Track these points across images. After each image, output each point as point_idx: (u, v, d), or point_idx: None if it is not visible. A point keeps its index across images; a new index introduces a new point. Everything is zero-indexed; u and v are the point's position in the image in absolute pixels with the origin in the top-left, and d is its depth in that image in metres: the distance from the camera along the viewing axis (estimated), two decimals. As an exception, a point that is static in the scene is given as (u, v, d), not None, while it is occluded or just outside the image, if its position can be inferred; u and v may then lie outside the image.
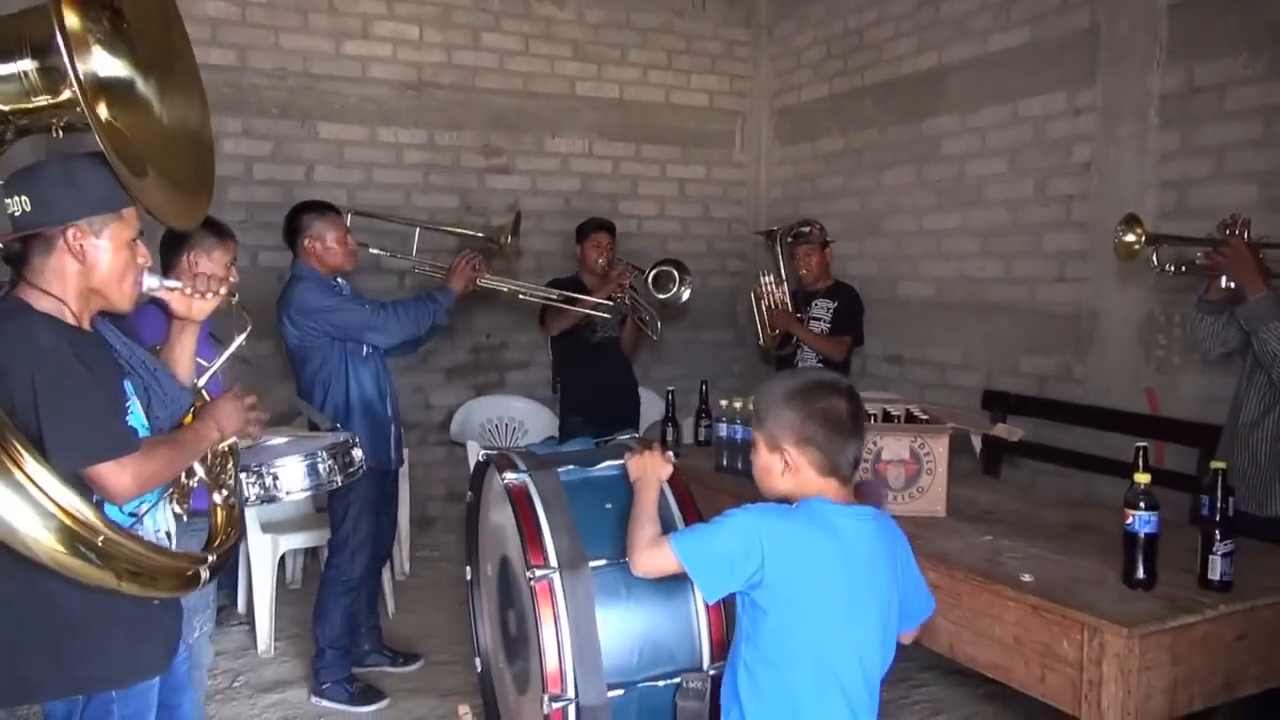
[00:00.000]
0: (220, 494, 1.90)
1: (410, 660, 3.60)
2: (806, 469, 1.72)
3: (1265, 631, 2.12)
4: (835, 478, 1.73)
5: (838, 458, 1.71)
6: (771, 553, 1.65)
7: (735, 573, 1.66)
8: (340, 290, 3.33)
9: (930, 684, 3.47)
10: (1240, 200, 3.46)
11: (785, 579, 1.65)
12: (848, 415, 1.72)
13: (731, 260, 6.18)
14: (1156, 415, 3.84)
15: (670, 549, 1.70)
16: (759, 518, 1.69)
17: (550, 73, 5.59)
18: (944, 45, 4.80)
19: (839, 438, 1.71)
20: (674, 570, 1.71)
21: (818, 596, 1.66)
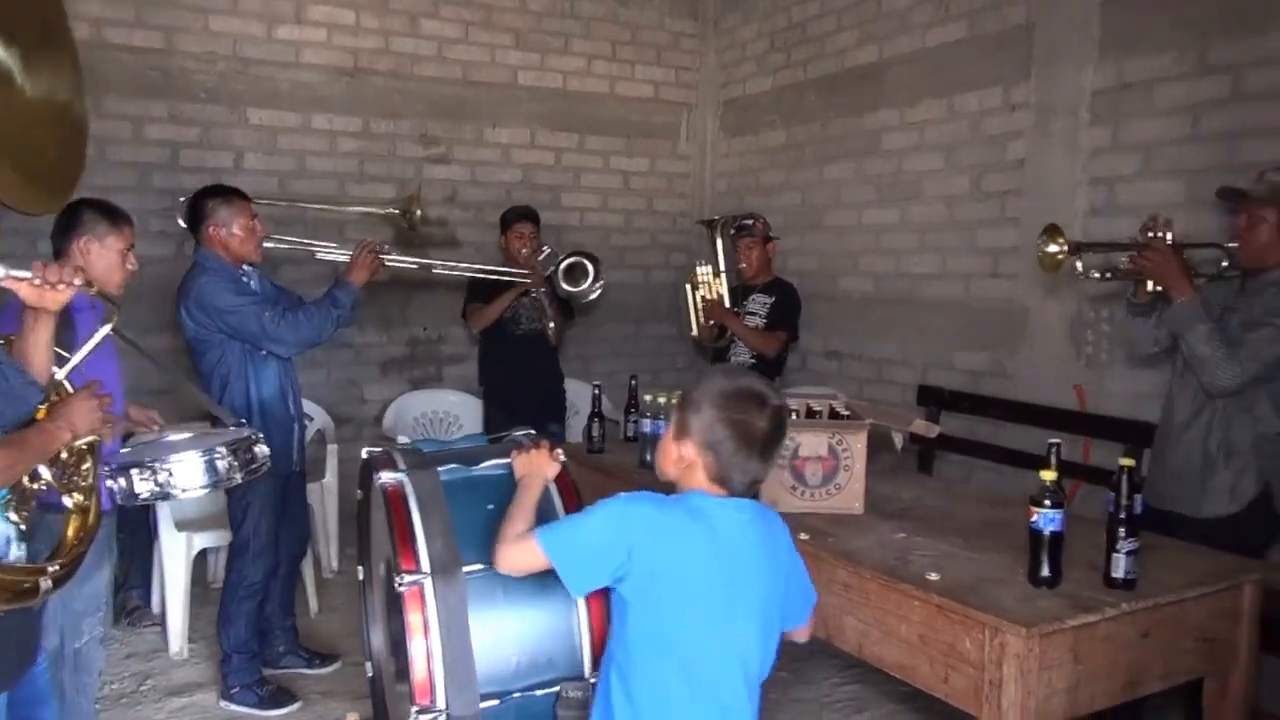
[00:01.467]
0: (72, 498, 1.78)
1: (328, 661, 3.51)
2: (699, 470, 1.66)
3: (1168, 630, 2.11)
4: (724, 488, 1.66)
5: (733, 472, 1.64)
6: (640, 544, 1.58)
7: (602, 564, 1.59)
8: (248, 283, 3.21)
9: (852, 682, 3.44)
10: (1167, 197, 3.47)
11: (655, 572, 1.59)
12: (762, 435, 1.63)
13: (676, 254, 6.13)
14: (1085, 411, 3.85)
15: (535, 542, 1.64)
16: (630, 507, 1.63)
17: (491, 61, 5.50)
18: (884, 39, 4.78)
19: (741, 453, 1.63)
20: (540, 566, 1.64)
21: (690, 592, 1.60)
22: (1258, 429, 2.64)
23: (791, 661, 3.58)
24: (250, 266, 3.25)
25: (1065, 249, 2.90)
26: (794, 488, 2.64)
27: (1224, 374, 2.59)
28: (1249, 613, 2.25)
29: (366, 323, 5.23)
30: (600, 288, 4.35)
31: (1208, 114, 3.40)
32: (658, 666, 1.60)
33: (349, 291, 3.27)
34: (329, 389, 5.11)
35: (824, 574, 2.33)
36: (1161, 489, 2.81)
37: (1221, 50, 3.35)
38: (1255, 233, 2.67)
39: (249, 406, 3.13)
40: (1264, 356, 2.55)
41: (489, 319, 4.29)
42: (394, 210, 4.20)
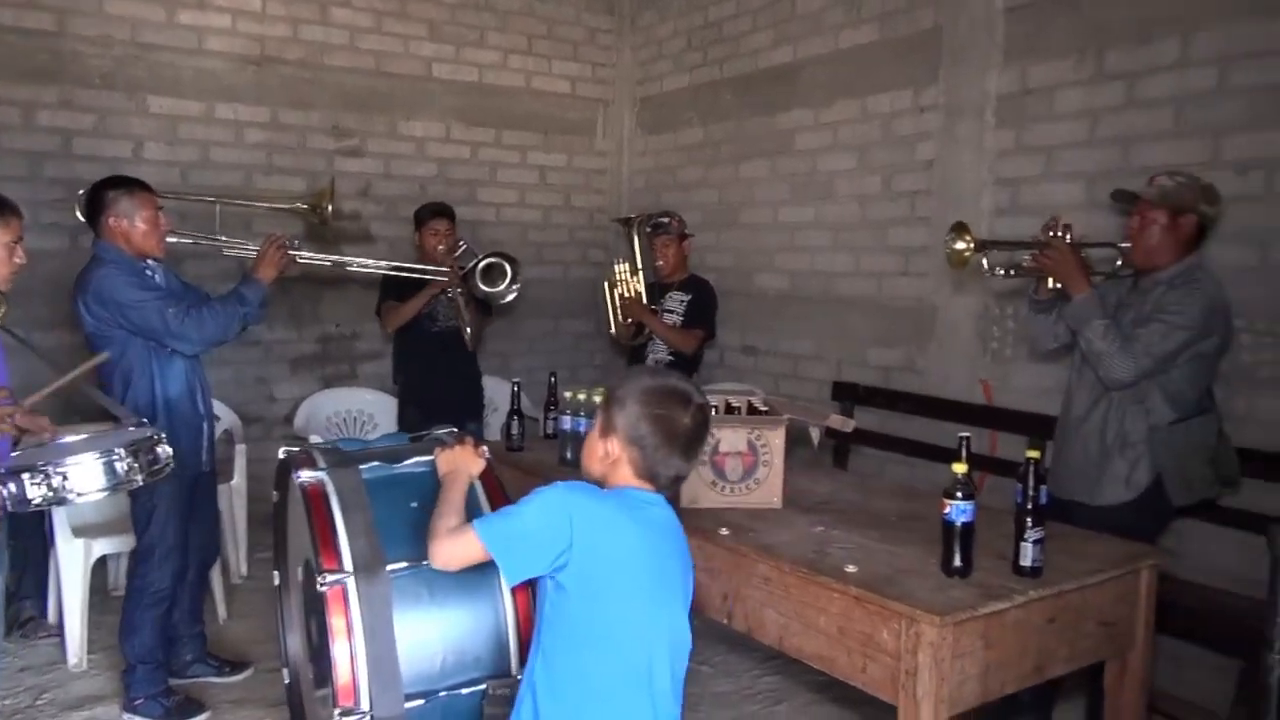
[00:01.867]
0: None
1: (238, 669, 3.40)
2: (625, 466, 1.70)
3: (1072, 615, 2.19)
4: (650, 484, 1.71)
5: (658, 467, 1.69)
6: (580, 532, 1.60)
7: (542, 553, 1.60)
8: (151, 277, 3.08)
9: (772, 674, 3.49)
10: (1067, 199, 3.61)
11: (593, 560, 1.61)
12: (685, 431, 1.69)
13: (594, 250, 6.12)
14: (991, 405, 3.98)
15: (474, 533, 1.63)
16: (569, 495, 1.64)
17: (405, 52, 5.40)
18: (798, 40, 4.85)
19: (665, 449, 1.68)
20: (477, 558, 1.64)
21: (625, 580, 1.63)
22: (1150, 420, 2.77)
23: (713, 655, 3.62)
24: (154, 261, 3.12)
25: (972, 246, 2.98)
26: (714, 483, 2.66)
27: (1118, 367, 2.71)
28: (1146, 597, 2.35)
29: (276, 319, 5.07)
30: (518, 289, 4.26)
31: (1105, 119, 3.55)
32: (590, 655, 1.61)
33: (257, 289, 3.15)
34: (236, 387, 4.95)
35: (744, 568, 2.37)
36: (1061, 478, 2.93)
37: (1118, 58, 3.50)
38: (1146, 234, 2.80)
39: (154, 405, 3.00)
40: (1155, 351, 2.68)
41: (404, 318, 4.20)
42: (302, 205, 4.03)
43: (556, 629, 1.63)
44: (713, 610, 2.47)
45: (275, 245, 3.22)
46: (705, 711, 3.22)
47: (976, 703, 2.06)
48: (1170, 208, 2.77)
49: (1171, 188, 2.79)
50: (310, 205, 3.92)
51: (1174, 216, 2.77)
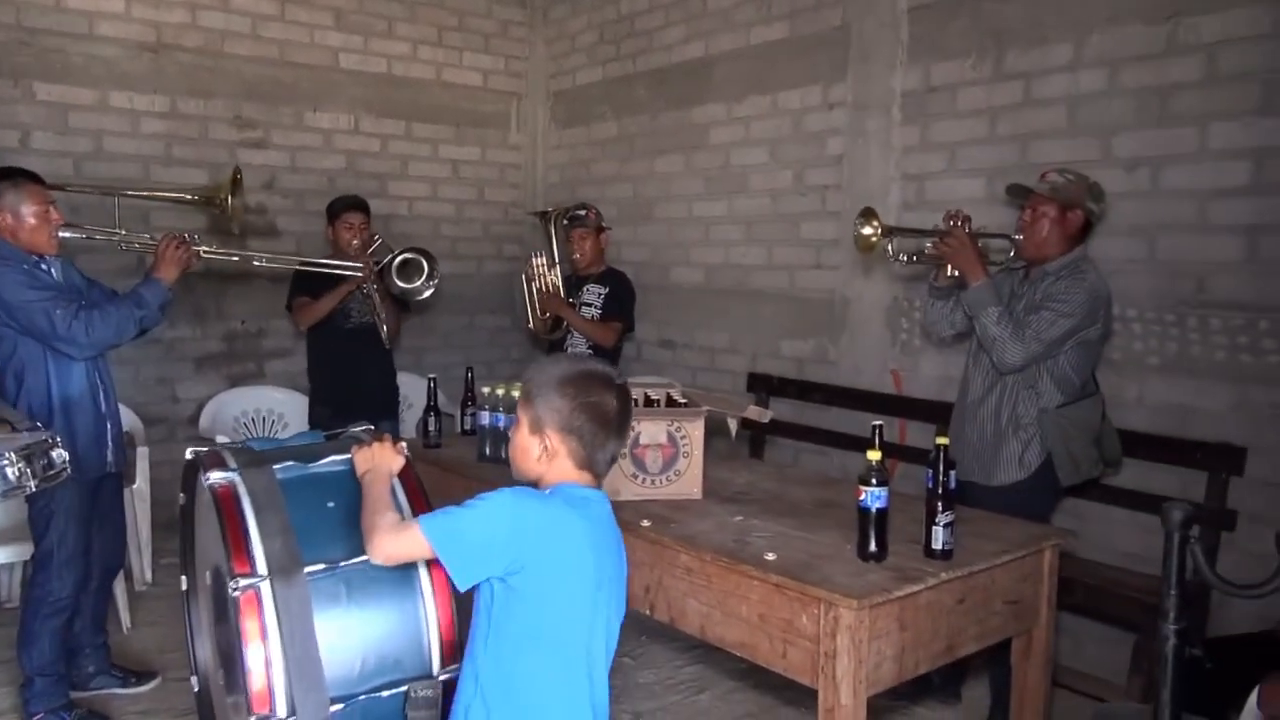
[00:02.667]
0: None
1: (145, 679, 3.28)
2: (564, 459, 1.70)
3: (981, 595, 2.28)
4: (590, 472, 1.72)
5: (597, 453, 1.70)
6: (531, 535, 1.59)
7: (493, 557, 1.59)
8: (45, 275, 2.92)
9: (694, 663, 3.54)
10: (969, 194, 3.73)
11: (543, 563, 1.60)
12: (615, 413, 1.70)
13: (508, 245, 6.08)
14: (901, 394, 4.10)
15: (420, 532, 1.60)
16: (519, 499, 1.63)
17: (310, 42, 5.26)
18: (710, 35, 4.90)
19: (603, 433, 1.69)
20: (422, 555, 1.62)
21: (572, 580, 1.64)
22: (1040, 403, 2.91)
23: (635, 646, 3.64)
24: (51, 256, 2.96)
25: (879, 231, 3.07)
26: (635, 475, 2.68)
27: (1010, 352, 2.84)
28: (1048, 576, 2.46)
29: (178, 316, 4.89)
30: (435, 286, 4.16)
31: (1003, 117, 3.68)
32: (536, 655, 1.61)
33: (157, 290, 3.00)
34: (137, 388, 4.76)
35: (666, 559, 2.39)
36: (958, 460, 3.04)
37: (1015, 58, 3.63)
38: (1037, 227, 2.94)
39: (50, 405, 2.86)
40: (1043, 337, 2.81)
41: (318, 315, 4.08)
42: (195, 197, 3.74)
43: (507, 633, 1.61)
44: (635, 602, 2.48)
45: (174, 243, 3.06)
46: (629, 703, 3.24)
47: (893, 683, 2.13)
48: (1060, 203, 2.91)
49: (1061, 184, 2.93)
50: (206, 198, 3.62)
51: (1063, 211, 2.91)
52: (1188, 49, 3.16)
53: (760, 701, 3.27)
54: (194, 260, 3.14)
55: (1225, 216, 3.12)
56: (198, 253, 3.15)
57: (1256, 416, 3.06)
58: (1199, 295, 3.18)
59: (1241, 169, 3.07)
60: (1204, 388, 3.18)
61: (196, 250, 3.14)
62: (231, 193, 3.35)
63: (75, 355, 2.90)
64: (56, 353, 2.88)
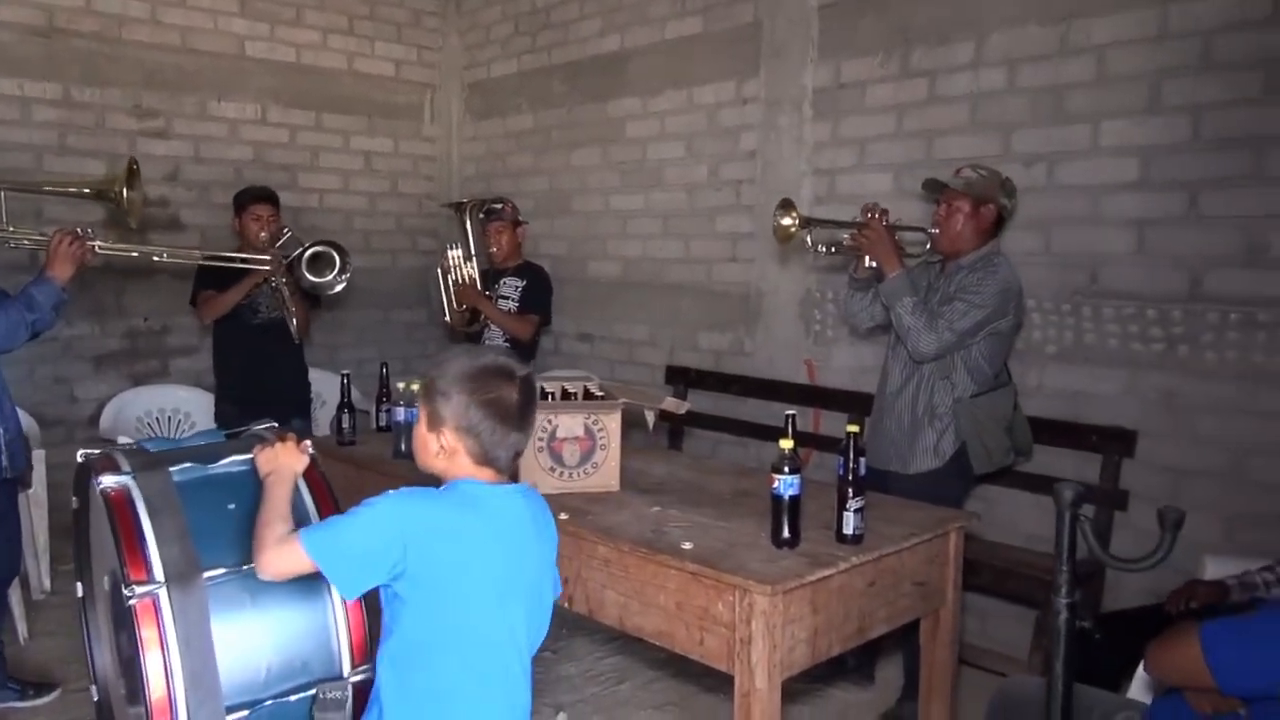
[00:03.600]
0: None
1: (44, 691, 3.15)
2: (462, 455, 1.65)
3: (890, 577, 2.35)
4: (491, 468, 1.67)
5: (496, 449, 1.65)
6: (415, 540, 1.56)
7: (375, 566, 1.55)
8: None
9: (614, 654, 3.56)
10: (877, 188, 3.83)
11: (433, 566, 1.57)
12: (516, 407, 1.65)
13: (423, 238, 6.00)
14: (815, 384, 4.18)
15: (300, 546, 1.56)
16: (402, 504, 1.60)
17: (214, 29, 5.11)
18: (626, 29, 4.91)
19: (502, 429, 1.64)
20: (306, 570, 1.57)
21: (470, 581, 1.60)
22: (955, 393, 3.01)
23: (555, 640, 3.65)
24: None
25: (797, 222, 3.12)
26: (552, 469, 2.68)
27: (925, 341, 2.92)
28: (954, 557, 2.55)
29: (76, 313, 4.70)
30: (346, 280, 4.02)
31: (910, 113, 3.79)
32: (439, 659, 1.58)
33: (49, 290, 2.84)
34: (33, 387, 4.56)
35: (584, 551, 2.40)
36: (878, 449, 3.14)
37: (920, 56, 3.74)
38: (952, 221, 3.03)
39: None
40: (956, 328, 2.91)
41: (223, 309, 3.94)
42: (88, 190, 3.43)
43: (401, 637, 1.59)
44: (555, 594, 2.50)
45: (67, 239, 2.89)
46: (551, 696, 3.25)
47: (807, 665, 2.18)
48: (973, 198, 3.01)
49: (975, 179, 3.03)
50: (99, 190, 3.33)
51: (976, 206, 3.01)
52: (1080, 50, 3.30)
53: (680, 690, 3.31)
54: (89, 256, 2.97)
55: (1116, 211, 3.27)
56: (93, 248, 2.98)
57: (1145, 401, 3.22)
58: (1092, 286, 3.33)
59: (1131, 165, 3.22)
60: (1098, 374, 3.33)
61: (92, 245, 2.97)
62: (127, 184, 3.16)
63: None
64: None
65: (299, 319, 4.03)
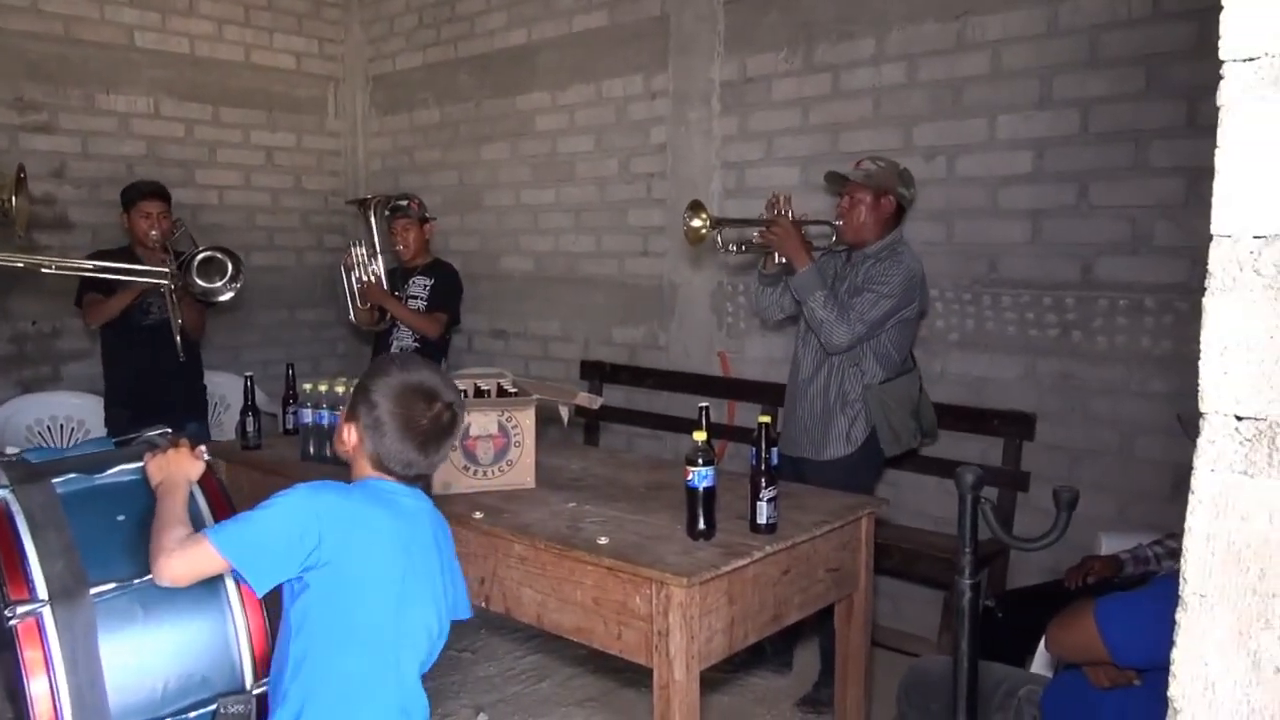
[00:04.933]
0: None
1: None
2: (361, 455, 1.69)
3: (804, 565, 2.39)
4: (388, 474, 1.69)
5: (390, 462, 1.67)
6: (329, 531, 1.55)
7: (290, 557, 1.53)
8: None
9: (533, 653, 3.54)
10: (785, 181, 3.88)
11: (345, 559, 1.56)
12: (421, 430, 1.65)
13: (329, 235, 5.85)
14: (728, 376, 4.22)
15: (209, 544, 1.53)
16: (314, 495, 1.58)
17: (100, 18, 4.88)
18: (532, 22, 4.87)
19: (401, 445, 1.65)
20: (214, 570, 1.54)
21: (378, 576, 1.60)
22: (865, 380, 3.08)
23: (473, 640, 3.61)
24: None
25: (707, 223, 3.15)
26: (466, 467, 2.65)
27: (838, 333, 2.98)
28: (866, 542, 2.60)
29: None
30: (237, 288, 3.84)
31: (815, 107, 3.85)
32: (340, 653, 1.57)
33: None
34: (-93, 399, 4.31)
35: (500, 549, 2.38)
36: (791, 438, 3.19)
37: (824, 51, 3.80)
38: (855, 212, 3.10)
39: None
40: (867, 318, 2.97)
41: (109, 315, 3.75)
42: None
43: (308, 633, 1.56)
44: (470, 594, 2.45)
45: None
46: (468, 696, 3.21)
47: (724, 655, 2.20)
48: (874, 189, 3.07)
49: (874, 171, 3.10)
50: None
51: (877, 197, 3.08)
52: (976, 46, 3.40)
53: (600, 685, 3.31)
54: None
55: (1012, 202, 3.38)
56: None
57: (1042, 385, 3.35)
58: (991, 275, 3.44)
59: (1025, 158, 3.34)
60: (997, 360, 3.44)
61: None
62: (15, 192, 3.01)
63: None
64: None
65: (191, 322, 3.86)
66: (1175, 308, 3.06)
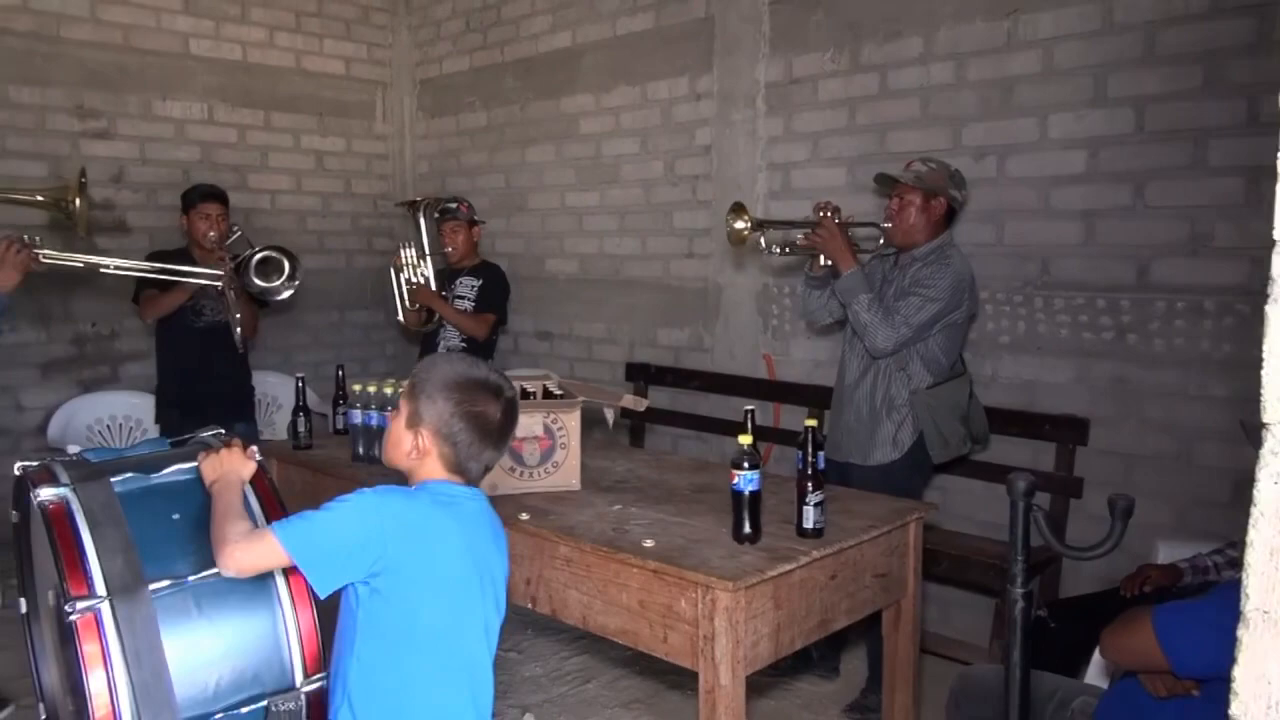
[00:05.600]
0: None
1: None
2: (435, 460, 1.67)
3: (851, 570, 2.36)
4: (460, 476, 1.69)
5: (469, 462, 1.67)
6: (395, 537, 1.56)
7: (355, 562, 1.54)
8: None
9: (579, 654, 3.55)
10: (831, 182, 3.85)
11: (411, 563, 1.57)
12: (497, 426, 1.67)
13: (378, 238, 5.93)
14: (774, 379, 4.20)
15: (275, 539, 1.54)
16: (382, 500, 1.59)
17: (156, 26, 4.99)
18: (577, 25, 4.89)
19: (478, 444, 1.66)
20: (277, 564, 1.56)
21: (445, 578, 1.61)
22: (911, 385, 3.04)
23: (520, 640, 3.63)
24: None
25: (749, 225, 3.14)
26: (512, 469, 2.67)
27: (882, 337, 2.95)
28: (914, 548, 2.57)
29: (20, 319, 4.60)
30: (295, 286, 3.90)
31: (861, 108, 3.81)
32: (410, 658, 1.58)
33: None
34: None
35: (546, 551, 2.39)
36: (838, 442, 3.17)
37: (870, 51, 3.77)
38: (904, 214, 3.06)
39: None
40: (913, 322, 2.94)
41: (165, 310, 3.85)
42: (41, 198, 3.45)
43: (372, 635, 1.58)
44: (516, 595, 2.48)
45: (12, 246, 2.88)
46: (516, 697, 3.23)
47: (770, 660, 2.19)
48: (924, 191, 3.03)
49: (925, 172, 3.06)
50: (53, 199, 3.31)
51: (927, 199, 3.04)
52: (1027, 44, 3.35)
53: (646, 687, 3.31)
54: (33, 263, 2.94)
55: (1065, 202, 3.32)
56: (38, 256, 2.95)
57: (1095, 389, 3.28)
58: (1043, 277, 3.38)
59: (1078, 158, 3.27)
60: (1049, 364, 3.38)
61: (37, 254, 2.94)
62: (79, 195, 3.14)
63: None
64: None
65: (245, 323, 3.93)
66: (1236, 310, 2.98)
